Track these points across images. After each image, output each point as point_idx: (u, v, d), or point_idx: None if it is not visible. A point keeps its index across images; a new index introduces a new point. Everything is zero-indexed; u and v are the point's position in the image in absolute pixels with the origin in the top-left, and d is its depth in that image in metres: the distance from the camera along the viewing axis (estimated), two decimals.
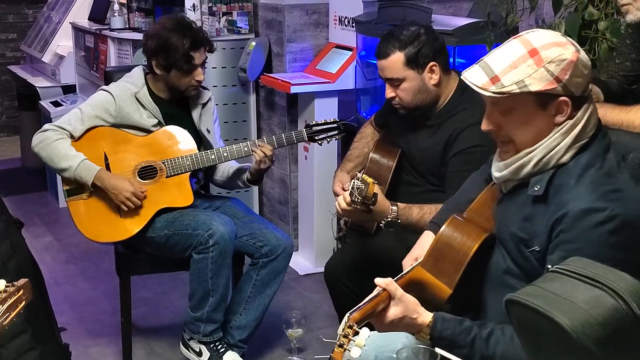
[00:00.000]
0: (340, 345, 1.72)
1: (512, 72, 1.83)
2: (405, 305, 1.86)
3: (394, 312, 1.86)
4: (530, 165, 1.90)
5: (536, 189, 1.90)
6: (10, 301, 1.87)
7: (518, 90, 1.83)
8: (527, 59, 1.82)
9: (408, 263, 2.23)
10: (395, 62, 2.78)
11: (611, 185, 1.82)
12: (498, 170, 1.99)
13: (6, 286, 1.89)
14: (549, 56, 1.82)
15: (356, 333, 1.74)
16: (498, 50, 1.91)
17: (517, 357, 1.80)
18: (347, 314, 1.78)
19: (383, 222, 2.69)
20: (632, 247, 1.78)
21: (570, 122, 1.86)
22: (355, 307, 1.81)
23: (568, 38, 1.89)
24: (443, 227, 2.09)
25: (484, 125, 1.97)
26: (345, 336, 1.72)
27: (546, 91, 1.83)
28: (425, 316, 1.89)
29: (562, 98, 1.84)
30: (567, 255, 1.75)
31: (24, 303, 1.93)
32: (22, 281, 1.94)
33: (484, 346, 1.87)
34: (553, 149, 1.88)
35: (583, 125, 1.87)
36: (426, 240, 2.26)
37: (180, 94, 3.36)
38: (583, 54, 1.85)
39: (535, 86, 1.82)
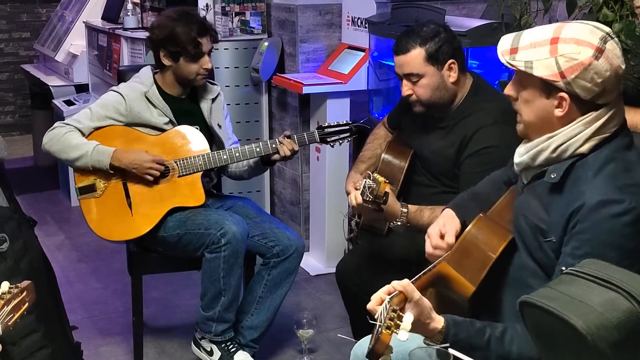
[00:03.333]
0: (388, 327, 1.71)
1: (529, 50, 1.88)
2: (421, 309, 1.84)
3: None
4: (549, 150, 1.92)
5: (553, 176, 1.92)
6: (14, 302, 1.89)
7: (523, 69, 1.88)
8: (546, 45, 1.86)
9: (435, 231, 2.23)
10: (415, 57, 2.77)
11: (630, 179, 1.84)
12: (519, 155, 2.03)
13: (10, 288, 1.91)
14: (563, 50, 1.84)
15: (400, 317, 1.73)
16: (538, 27, 1.95)
17: (532, 353, 1.81)
18: (387, 299, 1.78)
19: (393, 224, 2.69)
20: None
21: (595, 113, 1.88)
22: (392, 295, 1.81)
23: (606, 39, 1.85)
24: (470, 226, 2.10)
25: (507, 90, 2.02)
26: (391, 319, 1.72)
27: (548, 81, 1.86)
28: (437, 321, 1.88)
29: (562, 94, 1.87)
30: (580, 245, 1.79)
31: (27, 304, 1.95)
32: (25, 283, 1.96)
33: (500, 345, 1.88)
34: (572, 138, 1.89)
35: (606, 120, 1.88)
36: (448, 215, 2.27)
37: (189, 85, 3.37)
38: (601, 63, 1.83)
39: (539, 72, 1.87)
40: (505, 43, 1.94)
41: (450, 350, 1.75)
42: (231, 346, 3.32)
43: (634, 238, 1.78)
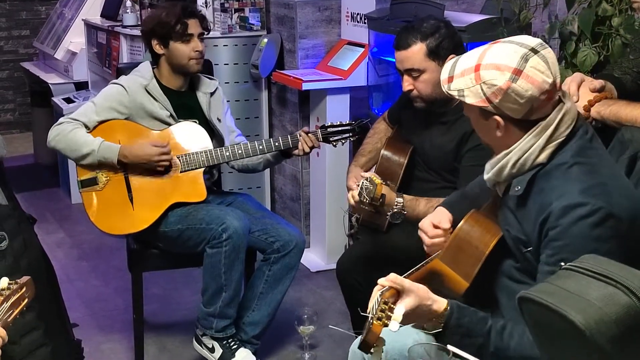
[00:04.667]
0: (379, 319, 1.73)
1: (459, 79, 1.93)
2: (416, 293, 1.85)
3: (408, 303, 1.84)
4: (509, 166, 1.96)
5: (517, 189, 1.95)
6: (13, 299, 1.89)
7: (458, 97, 1.94)
8: (471, 73, 1.91)
9: (427, 223, 2.25)
10: (416, 52, 2.77)
11: (593, 180, 1.85)
12: (487, 172, 2.05)
13: (9, 284, 1.91)
14: (484, 77, 1.88)
15: (391, 309, 1.75)
16: (470, 52, 1.98)
17: (531, 352, 1.81)
18: (379, 292, 1.80)
19: (389, 213, 2.70)
20: (616, 239, 1.81)
21: (543, 123, 1.91)
22: (383, 290, 1.82)
23: (527, 56, 1.87)
24: (462, 222, 2.11)
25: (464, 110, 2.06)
26: (382, 311, 1.74)
27: (479, 107, 1.91)
28: (440, 302, 1.90)
29: (495, 117, 1.91)
30: (555, 252, 1.82)
31: (26, 300, 1.95)
32: (24, 279, 1.96)
33: (499, 338, 1.89)
34: (527, 150, 1.92)
35: (556, 126, 1.90)
36: (441, 211, 2.29)
37: (185, 72, 3.37)
38: (520, 84, 1.85)
39: (469, 99, 1.91)
40: (445, 71, 1.99)
41: (449, 347, 1.75)
42: (232, 343, 3.32)
43: (604, 238, 1.80)
